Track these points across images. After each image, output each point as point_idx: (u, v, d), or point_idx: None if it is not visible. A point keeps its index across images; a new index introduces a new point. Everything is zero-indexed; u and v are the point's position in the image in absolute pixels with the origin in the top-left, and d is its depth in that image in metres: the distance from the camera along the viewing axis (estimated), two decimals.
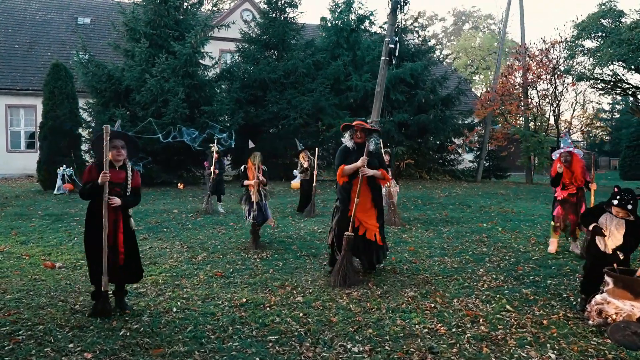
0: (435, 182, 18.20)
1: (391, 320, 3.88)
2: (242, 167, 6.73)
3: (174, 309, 4.06)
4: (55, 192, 12.59)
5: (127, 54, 15.79)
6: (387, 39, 11.72)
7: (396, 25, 11.74)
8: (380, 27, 20.25)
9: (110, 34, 20.72)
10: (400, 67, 17.84)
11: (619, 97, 33.16)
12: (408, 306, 4.22)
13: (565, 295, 4.54)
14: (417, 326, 3.78)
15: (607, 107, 40.99)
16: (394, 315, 4.01)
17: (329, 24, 19.46)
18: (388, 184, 8.68)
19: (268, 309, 4.13)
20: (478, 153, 20.92)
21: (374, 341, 3.50)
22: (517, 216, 9.75)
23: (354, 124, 5.18)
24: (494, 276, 5.20)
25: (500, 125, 20.33)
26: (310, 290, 4.66)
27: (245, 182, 6.53)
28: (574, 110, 27.17)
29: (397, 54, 11.67)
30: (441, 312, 4.07)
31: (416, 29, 20.32)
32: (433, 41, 21.20)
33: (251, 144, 7.01)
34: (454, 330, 3.72)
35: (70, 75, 14.10)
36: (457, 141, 20.11)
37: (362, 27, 19.82)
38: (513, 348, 3.41)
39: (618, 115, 40.48)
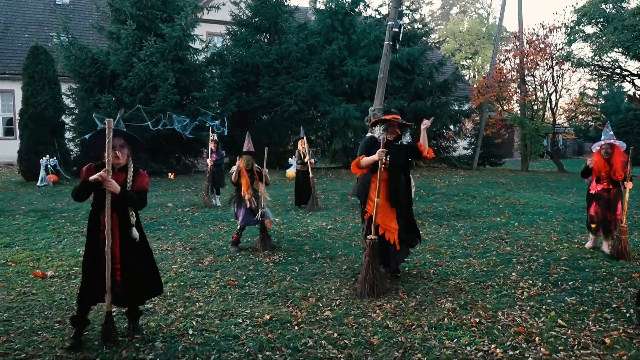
0: (432, 170, 17.87)
1: (438, 341, 3.45)
2: (233, 169, 6.01)
3: (190, 331, 3.56)
4: (38, 184, 11.85)
5: (112, 37, 14.92)
6: (390, 23, 11.17)
7: (400, 8, 11.19)
8: (375, 10, 19.60)
9: (91, 14, 19.70)
10: (396, 51, 17.30)
11: (604, 84, 33.12)
12: (451, 321, 3.80)
13: (615, 306, 4.16)
14: (468, 348, 3.36)
15: (590, 93, 40.86)
16: (438, 333, 3.58)
17: (324, 7, 18.71)
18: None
19: (296, 327, 3.66)
20: (473, 140, 20.62)
21: None
22: (527, 208, 9.45)
23: (389, 117, 4.76)
24: (530, 282, 4.81)
25: (495, 112, 20.02)
26: (338, 302, 4.21)
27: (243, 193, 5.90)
28: (560, 97, 27.03)
29: (400, 38, 11.12)
30: (489, 330, 3.66)
31: (411, 12, 19.73)
32: (420, 25, 20.42)
33: (247, 145, 5.98)
34: (510, 352, 3.30)
35: (51, 59, 13.25)
36: (453, 128, 19.74)
37: (357, 9, 19.12)
38: None
39: (603, 102, 40.46)
